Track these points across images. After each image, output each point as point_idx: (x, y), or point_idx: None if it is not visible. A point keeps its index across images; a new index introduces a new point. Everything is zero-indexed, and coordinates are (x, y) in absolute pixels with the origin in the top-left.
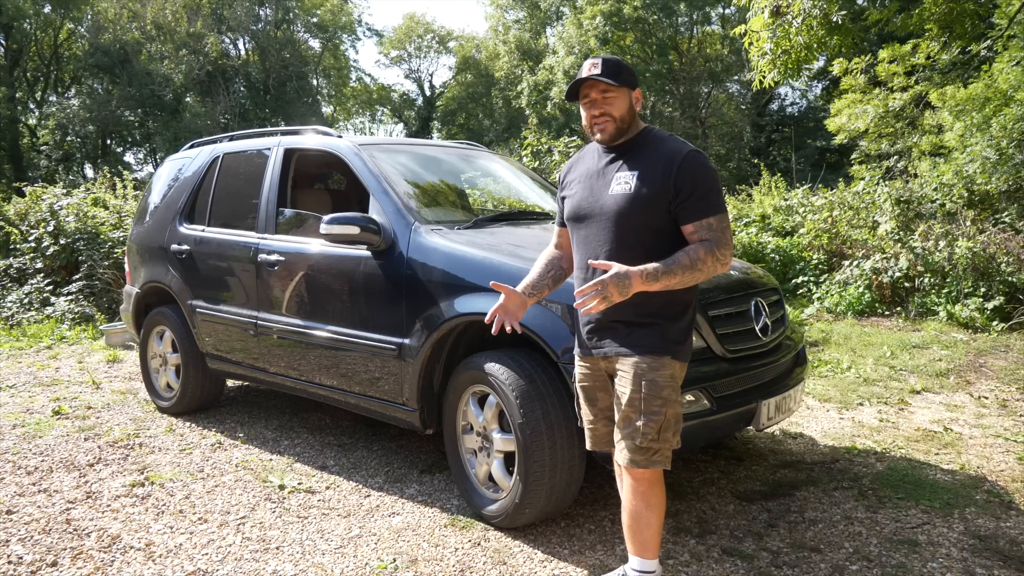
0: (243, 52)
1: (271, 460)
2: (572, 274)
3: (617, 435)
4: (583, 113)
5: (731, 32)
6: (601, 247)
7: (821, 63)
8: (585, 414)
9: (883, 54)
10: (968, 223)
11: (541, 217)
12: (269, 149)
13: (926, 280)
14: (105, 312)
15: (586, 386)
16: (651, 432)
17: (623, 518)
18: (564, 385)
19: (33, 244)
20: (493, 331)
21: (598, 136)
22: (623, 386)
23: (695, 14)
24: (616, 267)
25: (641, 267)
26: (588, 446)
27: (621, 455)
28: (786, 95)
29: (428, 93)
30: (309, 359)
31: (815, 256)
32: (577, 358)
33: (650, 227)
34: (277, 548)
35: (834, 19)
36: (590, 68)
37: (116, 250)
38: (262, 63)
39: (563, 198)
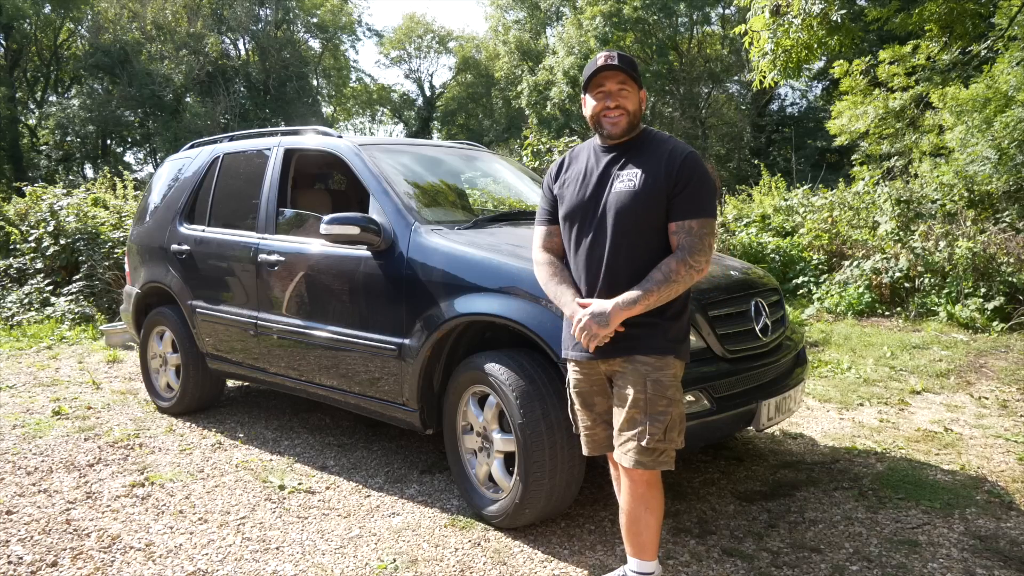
0: (243, 52)
1: (271, 460)
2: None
3: (621, 437)
4: (593, 103)
5: (731, 32)
6: (601, 245)
7: (821, 63)
8: (582, 419)
9: (883, 55)
10: (968, 223)
11: None
12: (269, 149)
13: (926, 280)
14: (105, 312)
15: (583, 391)
16: (657, 433)
17: (621, 520)
18: (564, 385)
19: (33, 244)
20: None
21: (608, 129)
22: (626, 387)
23: (695, 14)
24: (592, 304)
25: (619, 297)
26: (585, 451)
27: (626, 457)
28: (786, 95)
29: (428, 93)
30: (309, 359)
31: (815, 256)
32: (571, 364)
33: (653, 224)
34: (277, 548)
35: (834, 18)
36: (607, 59)
37: (116, 250)
38: (262, 63)
39: (556, 196)
